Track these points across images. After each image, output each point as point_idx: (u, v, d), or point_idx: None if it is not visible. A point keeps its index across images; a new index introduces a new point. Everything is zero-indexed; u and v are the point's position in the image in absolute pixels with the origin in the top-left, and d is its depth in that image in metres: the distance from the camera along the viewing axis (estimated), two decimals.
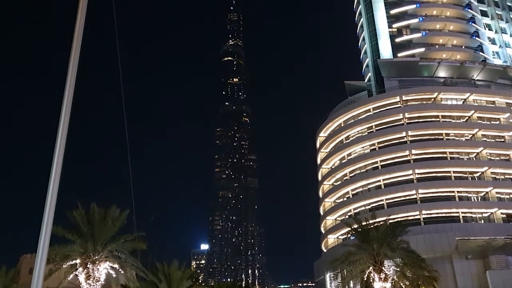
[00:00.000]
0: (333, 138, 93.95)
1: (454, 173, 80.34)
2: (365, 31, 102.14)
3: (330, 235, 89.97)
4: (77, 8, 9.48)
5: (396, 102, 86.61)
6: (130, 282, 40.19)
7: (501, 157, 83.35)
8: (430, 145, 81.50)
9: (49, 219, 7.93)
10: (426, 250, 59.72)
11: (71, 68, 8.99)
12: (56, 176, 8.14)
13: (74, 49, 9.10)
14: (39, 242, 7.81)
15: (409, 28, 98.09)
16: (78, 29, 9.30)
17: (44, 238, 7.81)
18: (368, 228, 46.48)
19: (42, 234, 7.83)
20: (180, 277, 46.83)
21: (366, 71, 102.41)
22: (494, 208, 77.35)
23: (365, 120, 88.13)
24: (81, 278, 36.37)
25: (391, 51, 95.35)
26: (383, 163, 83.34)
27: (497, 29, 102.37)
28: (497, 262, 66.28)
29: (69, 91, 8.78)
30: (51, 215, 7.95)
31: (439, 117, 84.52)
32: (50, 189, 8.04)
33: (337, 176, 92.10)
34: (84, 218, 37.63)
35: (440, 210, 76.94)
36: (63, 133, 8.47)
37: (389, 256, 43.56)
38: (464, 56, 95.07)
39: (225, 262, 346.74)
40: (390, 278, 43.22)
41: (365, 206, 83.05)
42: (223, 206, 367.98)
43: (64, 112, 8.61)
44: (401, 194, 79.48)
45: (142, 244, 39.79)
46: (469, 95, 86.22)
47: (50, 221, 7.93)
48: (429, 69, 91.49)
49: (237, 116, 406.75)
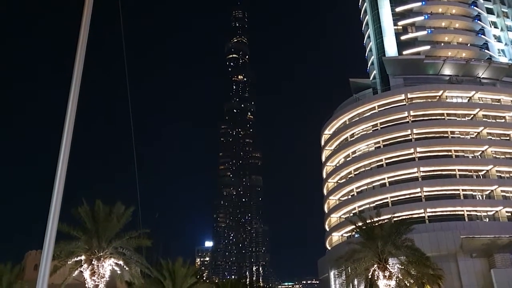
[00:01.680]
0: (338, 136, 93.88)
1: (459, 171, 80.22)
2: (370, 29, 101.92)
3: (334, 233, 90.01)
4: (83, 8, 9.52)
5: (401, 100, 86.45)
6: (135, 278, 40.30)
7: (506, 156, 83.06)
8: (435, 143, 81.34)
9: (55, 216, 7.98)
10: (430, 248, 59.72)
11: (77, 65, 9.02)
12: (62, 174, 8.18)
13: (80, 48, 9.14)
14: (45, 238, 7.86)
15: (414, 25, 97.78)
16: (84, 25, 9.34)
17: (50, 235, 7.86)
18: (372, 226, 46.42)
19: (48, 231, 7.88)
20: (185, 274, 46.90)
21: (371, 68, 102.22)
22: (499, 206, 77.14)
23: (370, 118, 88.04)
24: (86, 274, 36.52)
25: (396, 49, 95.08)
26: (388, 161, 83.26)
27: (502, 27, 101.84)
28: (502, 261, 66.12)
29: (74, 89, 8.82)
30: (57, 212, 8.00)
31: (444, 115, 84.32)
32: (56, 187, 8.09)
33: (341, 174, 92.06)
34: (89, 215, 37.76)
35: (445, 208, 76.81)
36: (69, 133, 8.51)
37: (393, 254, 43.50)
38: (469, 54, 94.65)
39: (229, 259, 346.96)
40: (394, 276, 43.15)
41: (369, 204, 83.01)
42: (228, 204, 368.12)
43: (70, 110, 8.65)
44: (405, 192, 79.38)
45: (147, 241, 39.89)
46: (475, 93, 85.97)
47: (56, 218, 7.98)
48: (434, 67, 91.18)
49: (242, 114, 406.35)
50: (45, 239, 7.85)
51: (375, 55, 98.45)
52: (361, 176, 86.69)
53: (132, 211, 38.56)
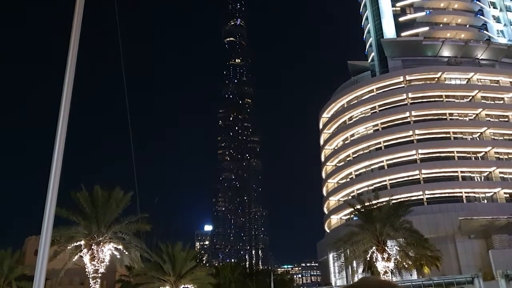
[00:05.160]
0: (336, 118, 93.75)
1: (458, 153, 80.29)
2: (368, 10, 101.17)
3: (333, 216, 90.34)
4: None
5: (399, 82, 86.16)
6: (135, 263, 40.58)
7: (504, 137, 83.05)
8: (433, 125, 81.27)
9: (52, 201, 7.91)
10: (429, 230, 59.91)
11: (71, 53, 8.89)
12: (58, 158, 8.10)
13: (74, 36, 8.99)
14: (42, 223, 7.81)
15: (412, 6, 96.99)
16: (77, 14, 9.18)
17: (47, 219, 7.80)
18: (371, 208, 46.59)
19: (46, 216, 7.82)
20: (184, 258, 47.20)
21: (369, 50, 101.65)
22: (497, 188, 77.42)
23: (368, 100, 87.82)
24: (86, 259, 36.74)
25: (395, 31, 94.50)
26: (386, 144, 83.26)
27: (501, 7, 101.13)
28: (500, 242, 66.49)
29: (69, 76, 8.70)
30: (54, 197, 7.93)
31: (442, 97, 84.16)
32: (53, 172, 8.01)
33: (340, 157, 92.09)
34: (88, 200, 37.88)
35: (443, 190, 77.01)
36: (65, 116, 8.41)
37: (392, 236, 43.76)
38: (468, 35, 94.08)
39: (228, 243, 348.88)
40: (393, 258, 43.49)
41: (368, 187, 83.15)
42: (227, 188, 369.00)
43: (65, 95, 8.54)
44: (404, 174, 79.53)
45: (146, 226, 40.10)
46: (473, 75, 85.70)
47: (53, 203, 7.91)
48: (433, 48, 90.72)
49: (240, 98, 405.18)
50: (43, 224, 7.80)
51: (373, 37, 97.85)
52: (359, 159, 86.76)
53: (131, 196, 38.65)
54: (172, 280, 46.44)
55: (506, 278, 43.79)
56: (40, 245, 7.77)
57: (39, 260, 7.63)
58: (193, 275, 47.81)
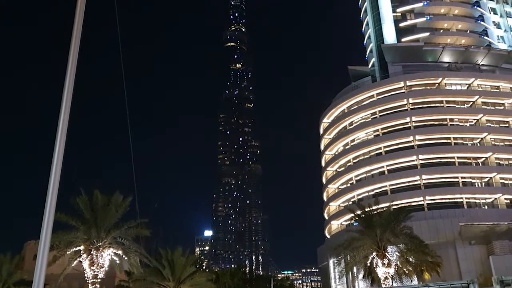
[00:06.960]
0: (337, 124, 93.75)
1: (458, 158, 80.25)
2: (369, 16, 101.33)
3: (333, 221, 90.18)
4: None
5: (400, 87, 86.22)
6: (134, 268, 40.46)
7: (505, 143, 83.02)
8: (434, 130, 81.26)
9: (52, 206, 7.87)
10: (429, 236, 59.80)
11: (72, 56, 8.86)
12: (58, 163, 8.06)
13: (74, 39, 8.96)
14: (42, 228, 7.79)
15: (413, 12, 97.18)
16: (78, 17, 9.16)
17: (47, 224, 7.77)
18: (371, 214, 46.53)
19: (45, 221, 7.78)
20: (184, 263, 46.97)
21: (370, 56, 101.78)
22: (498, 193, 77.32)
23: (369, 105, 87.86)
24: (85, 264, 36.61)
25: (395, 36, 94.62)
26: (387, 149, 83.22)
27: (502, 13, 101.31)
28: (500, 248, 66.32)
29: (70, 79, 8.66)
30: (53, 202, 7.90)
31: (443, 103, 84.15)
32: (52, 176, 7.97)
33: (340, 162, 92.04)
34: (87, 205, 37.78)
35: (444, 195, 76.93)
36: (65, 120, 8.38)
37: (392, 241, 43.64)
38: (468, 41, 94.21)
39: (228, 249, 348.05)
40: (393, 264, 43.35)
41: (368, 192, 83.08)
42: (227, 193, 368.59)
43: (65, 100, 8.50)
44: (404, 180, 79.44)
45: (146, 231, 39.94)
46: (474, 80, 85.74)
47: (52, 207, 7.88)
48: (434, 54, 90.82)
49: (240, 102, 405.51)
50: (42, 229, 7.78)
51: (373, 42, 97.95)
52: (360, 164, 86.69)
53: (131, 201, 38.56)
54: (171, 285, 46.19)
55: (502, 284, 43.54)
56: (39, 250, 7.74)
57: (38, 265, 7.58)
58: (192, 281, 47.54)
